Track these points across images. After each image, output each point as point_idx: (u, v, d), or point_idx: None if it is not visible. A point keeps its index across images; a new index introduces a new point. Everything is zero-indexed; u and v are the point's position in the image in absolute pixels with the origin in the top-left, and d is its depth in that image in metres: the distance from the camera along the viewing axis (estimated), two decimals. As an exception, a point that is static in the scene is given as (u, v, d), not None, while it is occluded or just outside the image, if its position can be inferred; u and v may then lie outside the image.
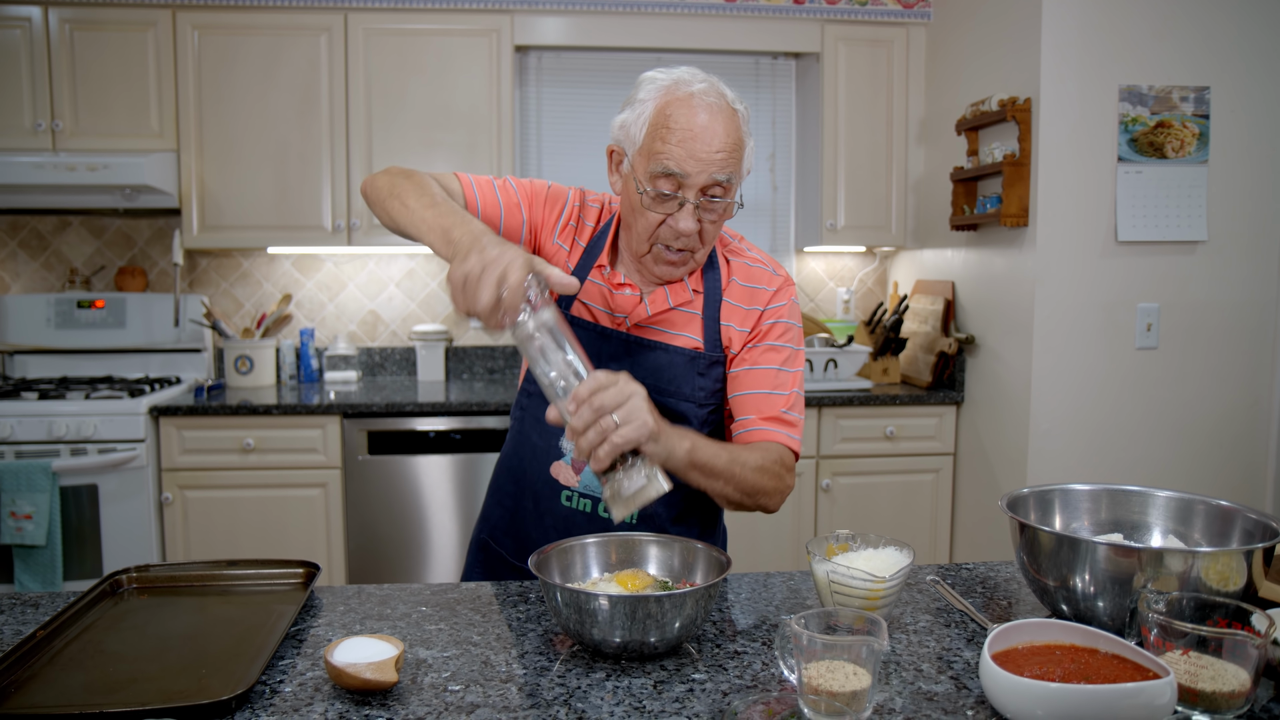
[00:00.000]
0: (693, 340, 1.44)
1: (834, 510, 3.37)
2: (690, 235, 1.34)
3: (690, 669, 1.05)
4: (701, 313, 1.45)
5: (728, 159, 1.31)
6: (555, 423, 1.16)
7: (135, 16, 3.29)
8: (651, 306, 1.43)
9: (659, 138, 1.31)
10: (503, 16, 3.44)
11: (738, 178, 1.35)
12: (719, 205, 1.34)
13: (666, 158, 1.30)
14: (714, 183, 1.31)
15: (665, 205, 1.33)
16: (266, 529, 3.15)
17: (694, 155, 1.29)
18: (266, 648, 1.08)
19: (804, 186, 3.89)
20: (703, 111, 1.30)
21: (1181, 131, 2.90)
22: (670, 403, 1.42)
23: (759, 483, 1.33)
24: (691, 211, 1.32)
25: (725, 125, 1.31)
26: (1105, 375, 2.92)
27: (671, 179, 1.31)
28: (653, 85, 1.35)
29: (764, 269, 1.50)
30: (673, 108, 1.31)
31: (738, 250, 1.52)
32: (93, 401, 3.06)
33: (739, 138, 1.33)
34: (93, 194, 3.24)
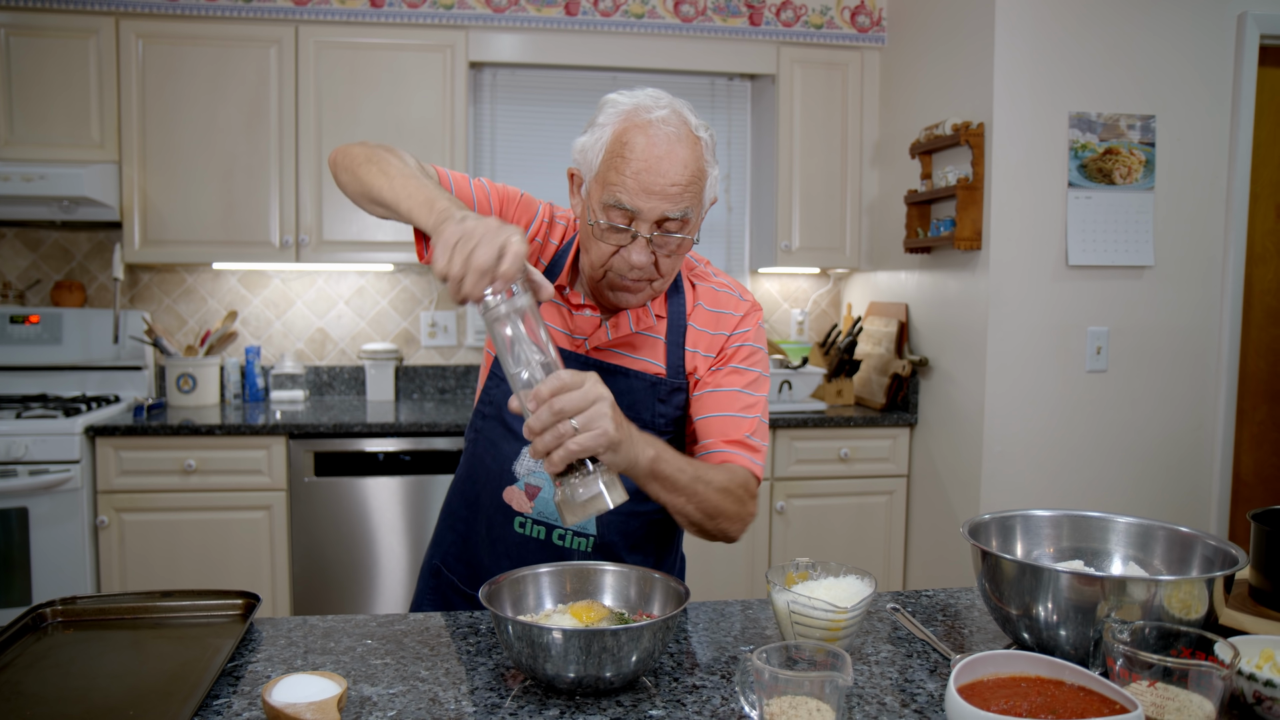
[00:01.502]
0: (654, 366, 1.41)
1: (789, 533, 3.35)
2: (643, 268, 1.29)
3: (647, 705, 1.01)
4: (665, 338, 1.41)
5: (683, 192, 1.25)
6: (517, 412, 1.11)
7: (77, 23, 3.20)
8: (613, 331, 1.39)
9: (614, 167, 1.26)
10: (457, 33, 3.40)
11: (696, 210, 1.29)
12: (674, 239, 1.28)
13: (619, 190, 1.24)
14: (668, 217, 1.26)
15: (618, 237, 1.28)
16: (208, 553, 3.04)
17: (648, 189, 1.23)
18: (200, 686, 1.02)
19: (759, 207, 3.89)
20: (661, 142, 1.24)
21: (1129, 158, 2.95)
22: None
23: (721, 505, 1.28)
24: (644, 246, 1.27)
25: (684, 157, 1.25)
26: (1057, 397, 2.95)
27: (624, 212, 1.25)
28: (613, 109, 1.30)
29: (730, 294, 1.46)
30: (630, 135, 1.25)
31: (704, 275, 1.49)
32: (24, 421, 2.94)
33: (699, 169, 1.27)
34: (29, 205, 3.12)
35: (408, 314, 3.78)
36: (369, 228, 3.38)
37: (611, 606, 1.15)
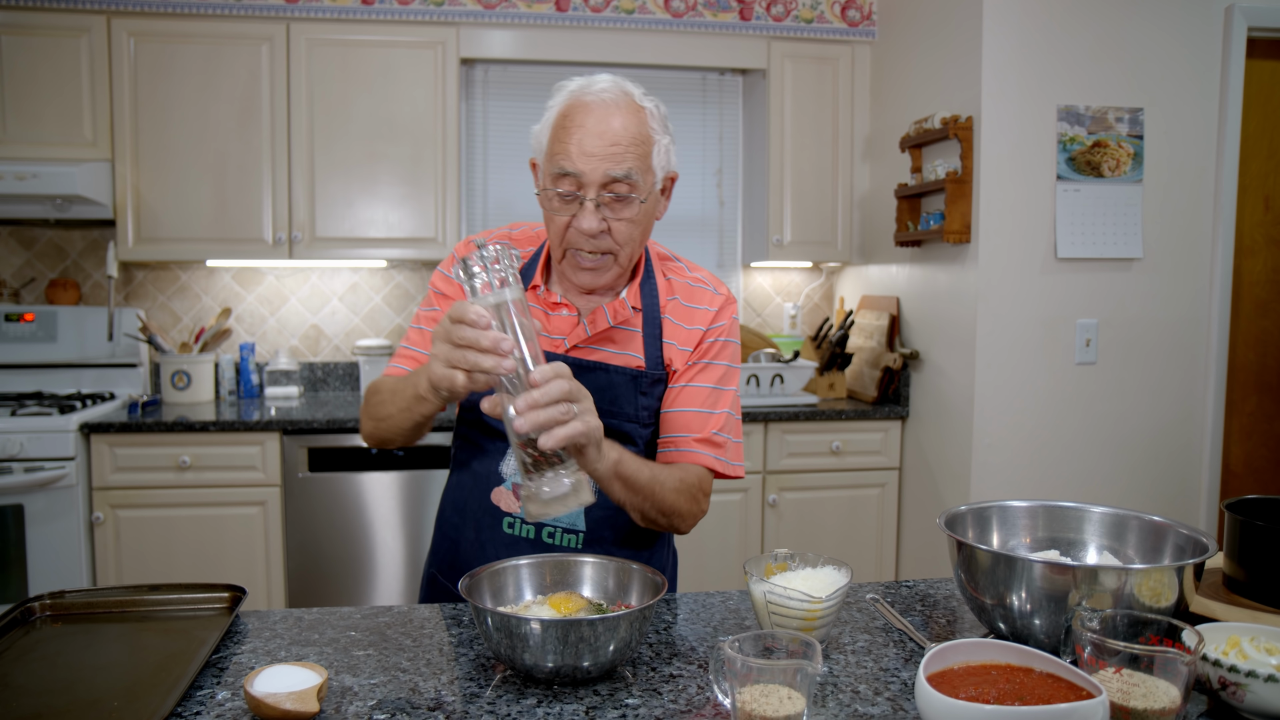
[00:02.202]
0: (634, 359, 1.42)
1: (781, 525, 3.37)
2: (596, 235, 1.32)
3: (624, 694, 1.02)
4: (642, 330, 1.43)
5: (625, 152, 1.29)
6: (491, 413, 1.12)
7: (68, 22, 3.21)
8: (591, 327, 1.40)
9: (558, 139, 1.32)
10: (448, 29, 3.41)
11: (644, 173, 1.32)
12: (625, 203, 1.32)
13: (562, 157, 1.30)
14: (612, 179, 1.30)
15: (569, 206, 1.32)
16: (203, 549, 3.06)
17: (587, 151, 1.29)
18: (184, 677, 1.03)
19: (750, 202, 3.90)
20: (599, 108, 1.30)
21: (1117, 151, 2.96)
22: (614, 423, 1.40)
23: (675, 503, 1.35)
24: (593, 210, 1.30)
25: (624, 121, 1.30)
26: (1047, 390, 2.97)
27: (570, 178, 1.30)
28: (561, 93, 1.36)
29: (705, 288, 1.48)
30: (572, 109, 1.32)
31: (678, 269, 1.51)
32: (19, 418, 2.96)
33: (641, 133, 1.32)
34: (22, 204, 3.14)
35: (401, 310, 3.79)
36: (362, 224, 3.39)
37: (590, 597, 1.17)
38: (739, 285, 4.03)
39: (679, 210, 3.97)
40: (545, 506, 1.09)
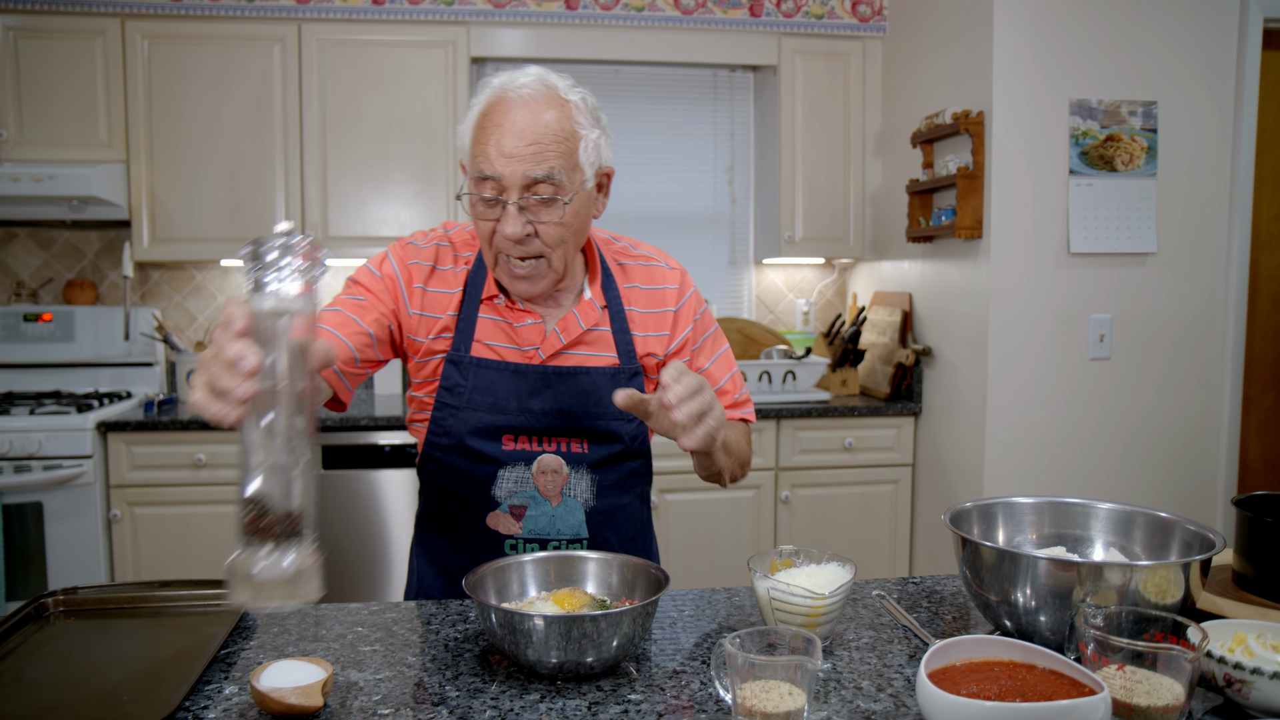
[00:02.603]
0: (608, 358, 1.42)
1: (793, 522, 3.36)
2: (522, 239, 1.26)
3: (627, 690, 1.03)
4: (611, 327, 1.42)
5: (544, 151, 1.23)
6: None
7: (83, 25, 3.24)
8: (565, 335, 1.38)
9: (478, 140, 1.26)
10: (459, 28, 3.42)
11: (570, 171, 1.26)
12: (549, 205, 1.26)
13: (481, 159, 1.25)
14: (533, 180, 1.24)
15: (492, 210, 1.27)
16: (219, 546, 3.08)
17: (505, 152, 1.23)
18: (193, 672, 1.05)
19: (762, 199, 3.90)
20: (518, 106, 1.24)
21: (1131, 145, 2.94)
22: (600, 424, 1.40)
23: (748, 454, 1.50)
24: (516, 214, 1.25)
25: (544, 118, 1.24)
26: (1060, 386, 2.95)
27: (490, 182, 1.25)
28: (483, 91, 1.30)
29: (658, 265, 1.49)
30: (492, 108, 1.26)
31: (623, 251, 1.49)
32: (38, 417, 2.99)
33: (565, 129, 1.25)
34: (39, 205, 3.17)
35: (414, 308, 3.80)
36: (374, 223, 3.41)
37: (594, 594, 1.18)
38: (751, 282, 4.03)
39: (690, 207, 3.97)
40: (255, 591, 0.85)
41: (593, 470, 1.41)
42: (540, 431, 1.38)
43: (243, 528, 0.87)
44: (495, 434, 1.37)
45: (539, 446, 1.38)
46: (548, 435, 1.38)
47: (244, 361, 0.79)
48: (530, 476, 1.38)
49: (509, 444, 1.38)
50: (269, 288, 0.82)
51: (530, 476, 1.38)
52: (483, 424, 1.37)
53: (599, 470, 1.41)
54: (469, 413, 1.37)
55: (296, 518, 0.86)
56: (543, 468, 1.38)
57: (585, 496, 1.41)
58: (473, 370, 1.37)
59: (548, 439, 1.38)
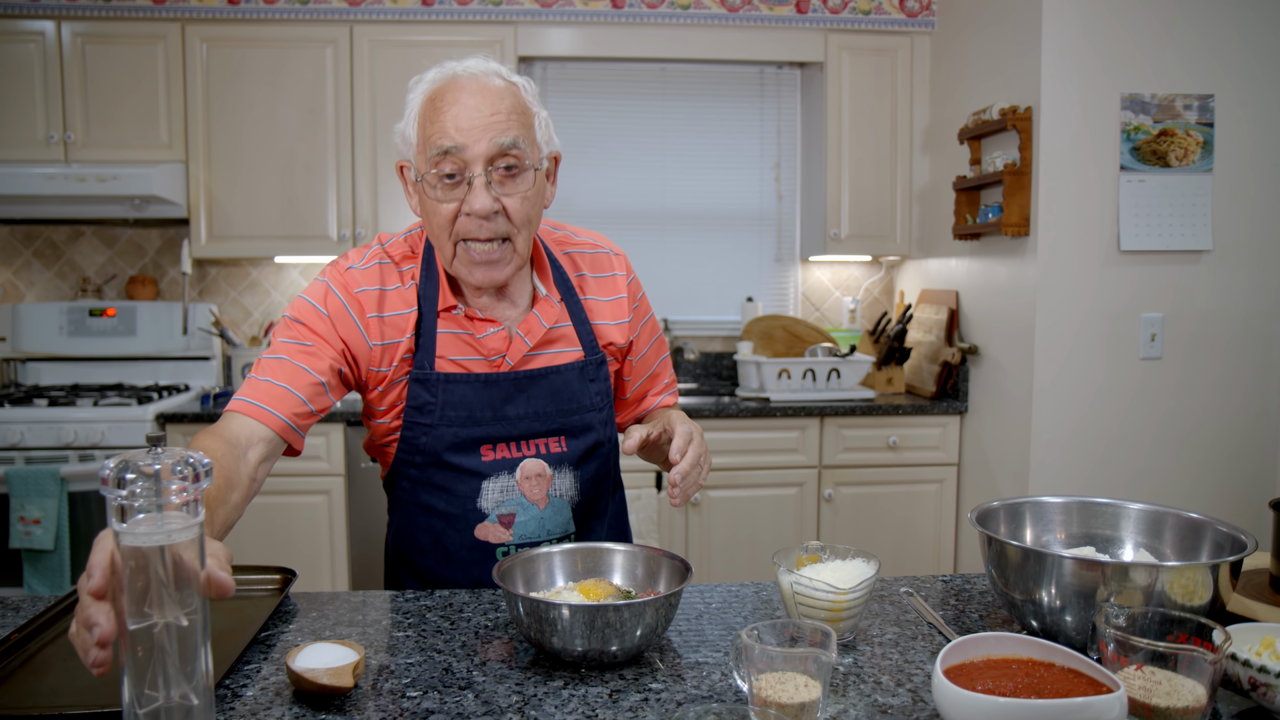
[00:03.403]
0: (573, 352, 1.41)
1: (836, 520, 3.36)
2: (490, 215, 1.23)
3: (649, 679, 1.05)
4: (571, 320, 1.41)
5: (506, 119, 1.22)
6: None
7: (146, 30, 3.35)
8: (530, 338, 1.36)
9: (430, 120, 1.22)
10: (506, 28, 3.47)
11: (530, 144, 1.25)
12: (516, 176, 1.24)
13: (439, 135, 1.21)
14: (499, 150, 1.21)
15: (454, 191, 1.23)
16: (271, 536, 3.18)
17: (465, 126, 1.20)
18: (233, 652, 1.09)
19: (809, 196, 3.88)
20: (469, 82, 1.23)
21: (1185, 140, 2.88)
22: (574, 420, 1.40)
23: None
24: (484, 188, 1.21)
25: (499, 91, 1.23)
26: (1108, 385, 2.90)
27: (450, 156, 1.21)
28: (419, 84, 1.27)
29: (602, 252, 1.48)
30: (439, 92, 1.23)
31: (565, 239, 1.46)
32: (101, 408, 3.11)
33: (518, 102, 1.25)
34: (103, 204, 3.29)
35: (462, 305, 3.87)
36: (422, 221, 3.47)
37: (619, 584, 1.20)
38: (797, 279, 4.02)
39: (737, 205, 3.97)
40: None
41: (574, 467, 1.41)
42: (518, 437, 1.37)
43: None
44: (473, 446, 1.35)
45: (519, 452, 1.37)
46: (525, 439, 1.37)
47: (95, 630, 0.73)
48: (515, 484, 1.37)
49: (488, 454, 1.36)
50: (140, 515, 0.75)
51: (515, 484, 1.37)
52: (459, 439, 1.35)
53: (580, 466, 1.41)
54: (443, 429, 1.34)
55: None
56: (526, 473, 1.38)
57: (571, 494, 1.41)
58: (441, 386, 1.33)
59: (526, 443, 1.38)
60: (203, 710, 0.78)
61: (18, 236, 3.74)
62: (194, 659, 0.78)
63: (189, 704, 0.77)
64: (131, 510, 0.75)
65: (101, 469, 0.74)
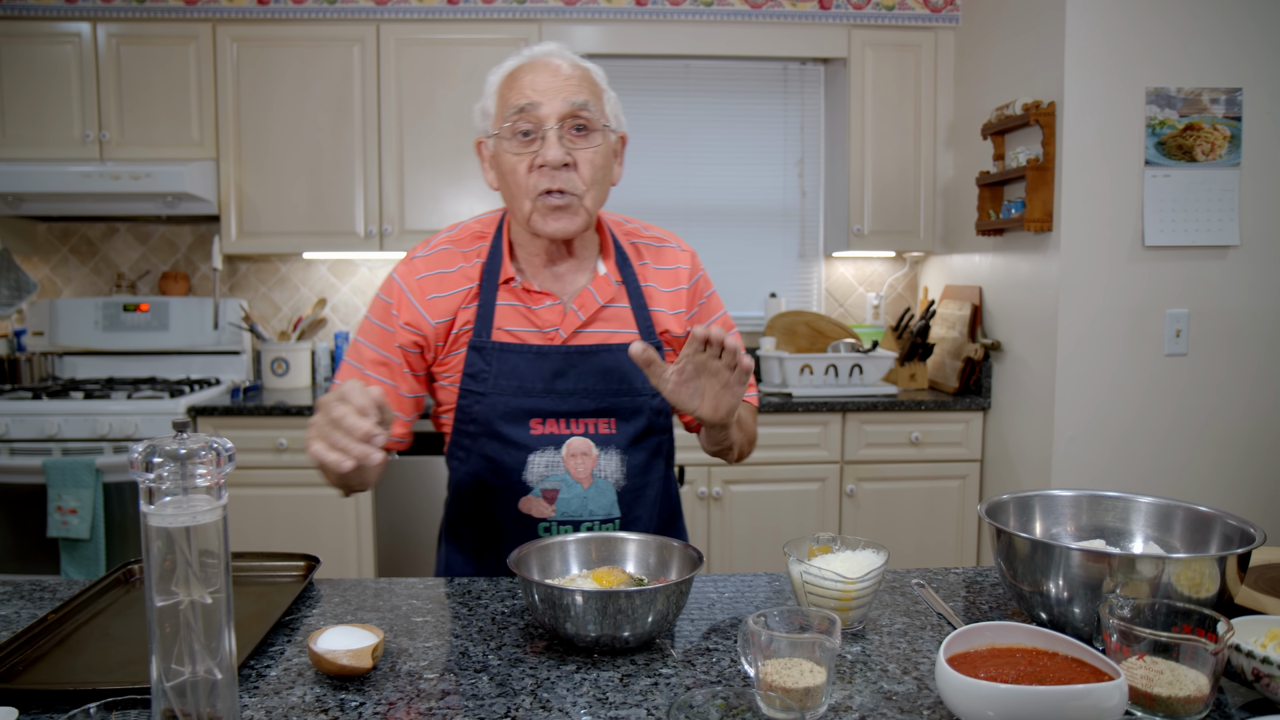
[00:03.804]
0: (629, 334, 1.45)
1: (858, 515, 3.36)
2: (561, 166, 1.32)
3: (660, 664, 1.07)
4: (630, 304, 1.46)
5: (579, 84, 1.34)
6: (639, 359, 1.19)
7: (179, 30, 3.42)
8: (584, 312, 1.42)
9: (509, 88, 1.35)
10: (530, 25, 3.50)
11: (599, 111, 1.36)
12: (586, 135, 1.34)
13: (516, 95, 1.33)
14: (571, 109, 1.32)
15: (530, 145, 1.33)
16: (298, 527, 3.24)
17: (542, 88, 1.32)
18: (258, 634, 1.13)
19: (832, 191, 3.89)
20: (543, 58, 1.36)
21: (1212, 134, 2.85)
22: (625, 401, 1.43)
23: (756, 431, 1.57)
24: (556, 140, 1.32)
25: (572, 65, 1.36)
26: (1132, 382, 2.89)
27: (526, 113, 1.32)
28: (499, 68, 1.41)
29: (669, 247, 1.53)
30: (518, 70, 1.36)
31: (635, 232, 1.53)
32: (135, 401, 3.18)
33: (590, 78, 1.37)
34: (137, 201, 3.36)
35: (487, 300, 3.91)
36: (449, 217, 3.51)
37: (632, 572, 1.22)
38: (820, 275, 4.03)
39: (760, 201, 3.98)
40: None
41: (622, 451, 1.44)
42: (567, 413, 1.41)
43: None
44: (523, 418, 1.40)
45: (567, 429, 1.42)
46: (575, 417, 1.41)
47: (377, 438, 1.05)
48: (560, 460, 1.41)
49: (537, 428, 1.41)
50: (167, 498, 0.79)
51: (560, 460, 1.41)
52: (510, 408, 1.40)
53: (628, 450, 1.44)
54: (495, 398, 1.40)
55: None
56: (572, 450, 1.41)
57: (616, 477, 1.44)
58: (496, 355, 1.40)
59: (575, 420, 1.41)
60: (226, 685, 0.82)
61: (55, 233, 3.83)
62: (218, 636, 0.81)
63: (213, 678, 0.81)
64: (159, 492, 0.79)
65: (130, 453, 0.78)
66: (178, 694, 0.80)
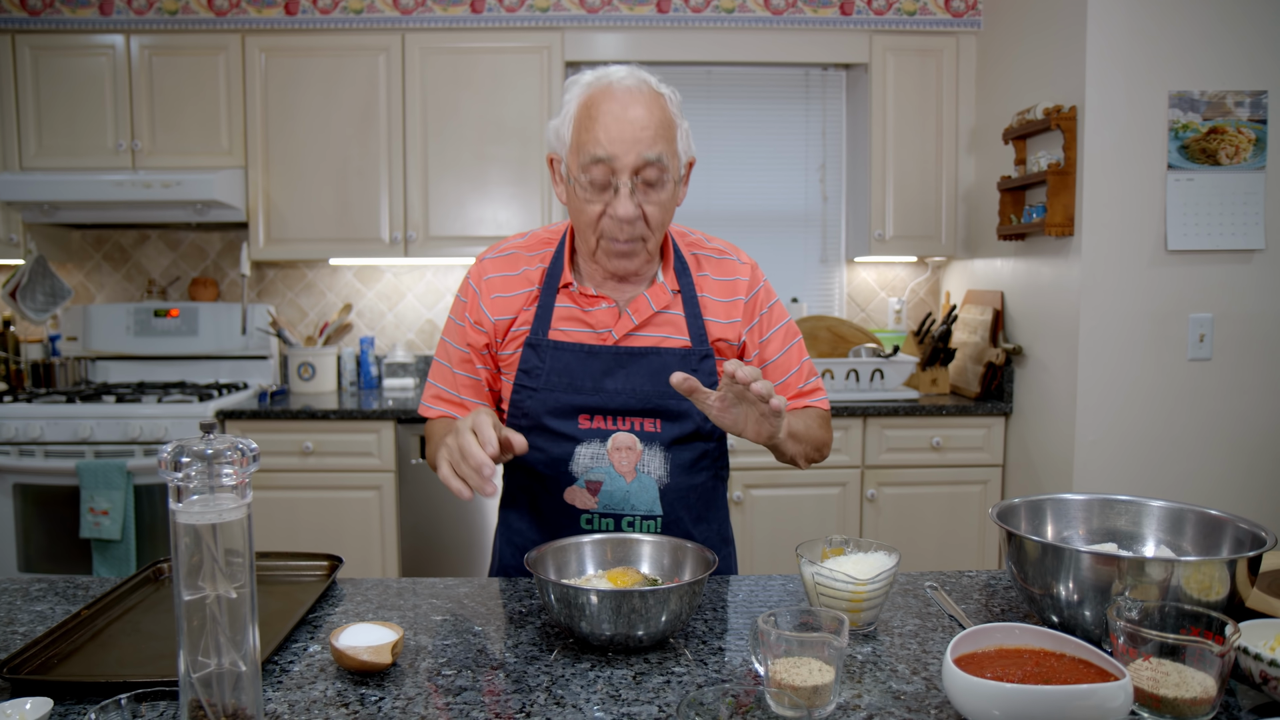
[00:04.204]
0: (679, 340, 1.48)
1: (879, 520, 3.36)
2: (632, 221, 1.35)
3: (673, 663, 1.10)
4: (683, 311, 1.49)
5: (655, 136, 1.33)
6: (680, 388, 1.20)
7: (208, 41, 3.49)
8: (637, 316, 1.46)
9: (584, 129, 1.34)
10: (553, 34, 3.54)
11: (671, 157, 1.36)
12: (657, 187, 1.36)
13: (593, 145, 1.33)
14: (645, 162, 1.33)
15: (602, 195, 1.35)
16: (324, 529, 3.28)
17: (619, 137, 1.32)
18: (282, 631, 1.16)
19: (854, 197, 3.89)
20: (622, 95, 1.34)
21: (1236, 137, 2.84)
22: (672, 404, 1.46)
23: (824, 437, 1.54)
24: (628, 195, 1.34)
25: (648, 106, 1.34)
26: (1155, 386, 2.87)
27: (602, 165, 1.33)
28: (576, 86, 1.39)
29: (729, 259, 1.55)
30: (594, 100, 1.35)
31: (698, 243, 1.55)
32: (165, 405, 3.24)
33: (665, 117, 1.35)
34: (168, 209, 3.43)
35: (510, 305, 3.95)
36: (473, 223, 3.56)
37: (647, 573, 1.25)
38: (842, 280, 4.03)
39: (781, 205, 3.99)
40: None
41: (666, 449, 1.47)
42: (615, 410, 1.45)
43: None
44: (572, 413, 1.45)
45: (614, 425, 1.46)
46: (622, 414, 1.46)
47: (485, 470, 1.16)
48: (605, 452, 1.45)
49: (585, 422, 1.45)
50: (194, 496, 0.82)
51: (605, 452, 1.45)
52: (559, 404, 1.45)
53: (673, 449, 1.47)
54: (546, 394, 1.45)
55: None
56: (617, 444, 1.45)
57: (660, 474, 1.47)
58: (549, 353, 1.45)
59: (622, 418, 1.46)
60: (250, 677, 0.85)
61: (89, 241, 3.91)
62: (243, 629, 0.84)
63: (238, 670, 0.84)
64: (187, 491, 0.82)
65: (159, 452, 0.81)
66: (204, 685, 0.83)
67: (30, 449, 3.19)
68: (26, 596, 1.34)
